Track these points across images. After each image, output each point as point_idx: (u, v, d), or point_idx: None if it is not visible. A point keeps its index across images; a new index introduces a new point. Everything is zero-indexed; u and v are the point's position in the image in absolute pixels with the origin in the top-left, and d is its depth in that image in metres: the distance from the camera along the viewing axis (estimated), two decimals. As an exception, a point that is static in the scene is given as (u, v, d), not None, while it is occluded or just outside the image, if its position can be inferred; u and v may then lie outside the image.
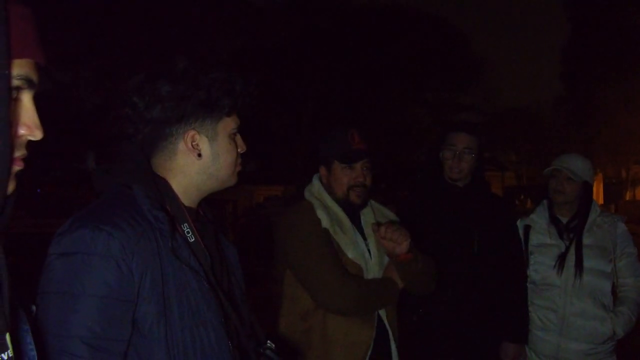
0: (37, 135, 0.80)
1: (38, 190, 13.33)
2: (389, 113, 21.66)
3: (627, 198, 25.76)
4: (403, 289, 1.99)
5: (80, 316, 1.01)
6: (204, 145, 1.23)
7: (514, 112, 30.28)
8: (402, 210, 2.63)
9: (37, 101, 0.82)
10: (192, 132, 1.21)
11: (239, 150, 1.30)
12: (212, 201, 1.34)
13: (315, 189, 2.06)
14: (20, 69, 0.76)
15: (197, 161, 1.22)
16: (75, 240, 1.04)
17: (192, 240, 1.17)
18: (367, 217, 2.09)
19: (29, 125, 0.79)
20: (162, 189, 1.19)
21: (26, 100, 0.79)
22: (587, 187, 2.59)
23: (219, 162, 1.25)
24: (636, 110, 22.47)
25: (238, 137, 1.30)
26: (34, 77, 0.79)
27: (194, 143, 1.22)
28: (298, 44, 18.60)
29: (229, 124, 1.26)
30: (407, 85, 22.09)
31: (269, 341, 1.29)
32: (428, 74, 22.37)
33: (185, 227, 1.18)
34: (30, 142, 0.82)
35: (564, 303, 2.50)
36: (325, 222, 1.94)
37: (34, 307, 0.93)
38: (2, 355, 0.67)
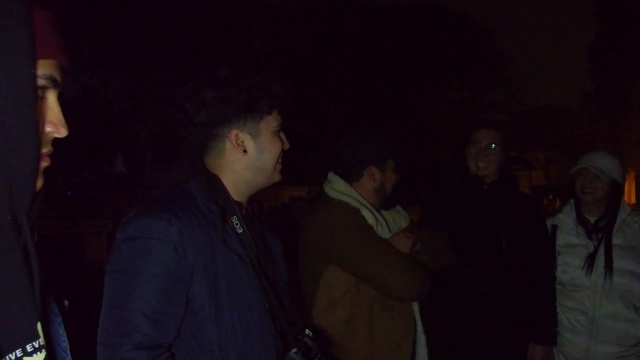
0: (63, 132, 0.83)
1: (69, 193, 13.64)
2: (413, 113, 21.51)
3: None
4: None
5: (142, 292, 1.14)
6: (248, 142, 1.35)
7: (541, 110, 29.72)
8: (426, 209, 2.62)
9: (64, 102, 0.85)
10: (235, 131, 1.34)
11: (283, 146, 1.41)
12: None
13: (343, 188, 2.02)
14: (44, 69, 0.79)
15: (243, 157, 1.35)
16: (138, 227, 1.19)
17: (241, 231, 1.29)
18: (384, 215, 2.09)
19: (54, 122, 0.82)
20: (214, 185, 1.31)
21: (51, 99, 0.82)
22: (616, 186, 2.53)
23: (263, 156, 1.36)
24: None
25: (282, 135, 1.42)
26: (58, 76, 0.82)
27: (238, 141, 1.34)
28: (321, 45, 18.60)
29: (271, 121, 1.38)
30: (431, 84, 21.90)
31: (307, 329, 1.36)
32: (453, 72, 22.14)
33: (235, 220, 1.29)
34: (57, 140, 0.85)
35: (594, 304, 2.44)
36: (371, 220, 1.94)
37: (66, 302, 0.98)
38: (34, 343, 0.70)
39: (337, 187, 2.03)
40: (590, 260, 2.46)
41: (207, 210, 1.23)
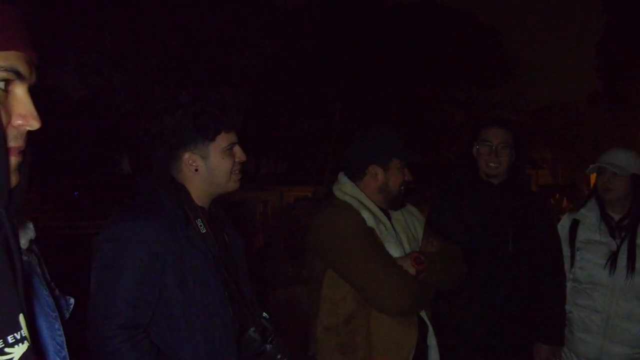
0: (34, 125, 0.82)
1: (75, 194, 13.70)
2: (420, 112, 21.45)
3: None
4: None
5: (123, 282, 1.40)
6: (199, 163, 1.58)
7: (547, 108, 29.58)
8: (434, 208, 2.60)
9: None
10: (188, 154, 1.57)
11: (237, 160, 1.62)
12: (241, 202, 1.51)
13: (348, 189, 2.02)
14: (4, 60, 0.78)
15: (196, 174, 1.58)
16: (118, 229, 1.45)
17: (204, 231, 1.53)
18: (395, 214, 2.07)
19: (24, 115, 0.81)
20: (180, 193, 1.56)
21: (19, 91, 0.81)
22: (638, 180, 2.43)
23: (214, 173, 1.59)
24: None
25: (236, 150, 1.62)
26: (23, 69, 0.81)
27: (190, 161, 1.57)
28: (328, 44, 18.59)
29: (220, 143, 1.58)
30: (438, 83, 21.84)
31: (264, 312, 1.64)
32: (460, 71, 22.07)
33: (199, 222, 1.53)
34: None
35: (610, 304, 2.39)
36: (370, 222, 1.92)
37: (72, 300, 1.00)
38: (15, 334, 0.70)
39: (343, 188, 2.03)
40: (613, 258, 2.39)
41: (173, 215, 1.49)
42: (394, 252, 1.93)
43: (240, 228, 1.82)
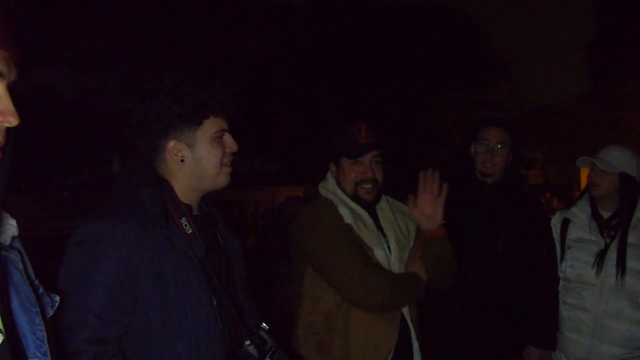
0: (12, 121, 0.82)
1: (66, 194, 13.60)
2: (413, 112, 21.48)
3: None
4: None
5: (92, 292, 1.25)
6: (185, 152, 1.41)
7: (538, 109, 29.75)
8: None
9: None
10: (173, 142, 1.41)
11: (227, 150, 1.45)
12: (232, 202, 1.43)
13: (330, 186, 2.03)
14: None
15: (182, 166, 1.42)
16: (87, 231, 1.30)
17: (189, 232, 1.37)
18: (384, 212, 2.05)
19: (1, 112, 0.81)
20: (164, 190, 1.40)
21: None
22: (626, 179, 2.41)
23: (201, 164, 1.42)
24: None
25: (226, 138, 1.46)
26: (1, 66, 0.80)
27: (175, 151, 1.41)
28: (320, 44, 18.58)
29: (208, 129, 1.42)
30: (431, 83, 21.89)
31: (263, 323, 1.46)
32: (453, 72, 22.13)
33: (184, 221, 1.37)
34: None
35: (599, 303, 2.38)
36: (348, 219, 1.91)
37: (57, 297, 1.00)
38: None
39: (327, 185, 2.05)
40: (600, 257, 2.39)
41: (152, 214, 1.33)
42: (375, 248, 1.92)
43: (235, 228, 1.66)
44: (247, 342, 1.39)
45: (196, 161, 1.41)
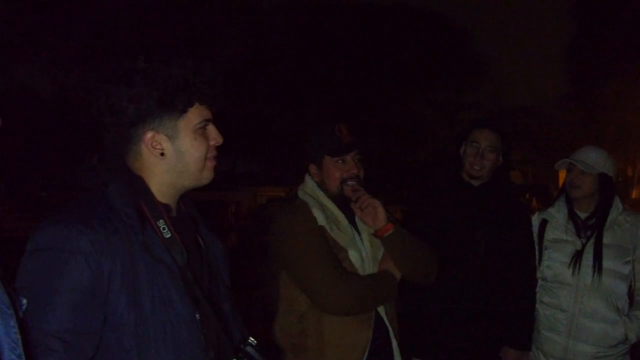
0: None
1: (42, 194, 13.35)
2: (392, 113, 21.59)
3: (634, 196, 25.57)
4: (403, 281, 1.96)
5: (53, 311, 1.05)
6: (166, 145, 1.23)
7: (518, 110, 30.15)
8: (414, 206, 2.61)
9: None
10: (151, 133, 1.22)
11: (211, 143, 1.28)
12: (214, 202, 1.33)
13: (309, 188, 2.02)
14: None
15: (162, 161, 1.23)
16: (46, 237, 1.09)
17: (168, 236, 1.19)
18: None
19: None
20: (137, 188, 1.21)
21: None
22: (605, 180, 2.44)
23: (184, 159, 1.24)
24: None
25: (210, 129, 1.29)
26: None
27: (154, 143, 1.22)
28: (300, 44, 18.56)
29: (192, 118, 1.24)
30: (410, 84, 22.02)
31: (251, 338, 1.30)
32: (433, 73, 22.30)
33: (161, 224, 1.19)
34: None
35: (575, 303, 2.41)
36: (321, 220, 1.91)
37: (25, 301, 0.96)
38: None
39: (305, 187, 2.04)
40: (577, 257, 2.42)
41: (124, 216, 1.15)
42: (349, 248, 1.92)
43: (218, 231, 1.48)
44: None
45: (178, 155, 1.23)
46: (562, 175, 2.65)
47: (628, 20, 20.97)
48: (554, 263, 2.48)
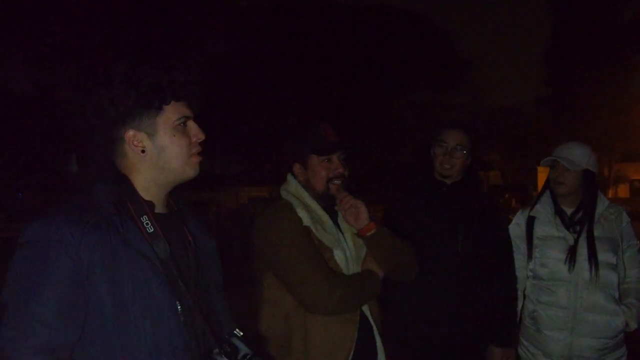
0: None
1: (20, 195, 13.13)
2: (373, 113, 21.69)
3: (610, 195, 26.11)
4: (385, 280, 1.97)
5: (38, 298, 1.14)
6: (146, 142, 1.29)
7: (496, 111, 30.57)
8: (390, 209, 2.62)
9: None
10: (130, 132, 1.28)
11: (193, 139, 1.33)
12: (195, 202, 1.34)
13: (293, 188, 2.00)
14: None
15: (144, 158, 1.29)
16: (32, 231, 1.19)
17: (151, 231, 1.25)
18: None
19: None
20: (122, 186, 1.28)
21: None
22: (589, 175, 2.46)
23: (164, 155, 1.30)
24: (618, 109, 22.77)
25: (190, 125, 1.33)
26: None
27: (135, 141, 1.28)
28: (283, 46, 18.53)
29: (170, 115, 1.29)
30: (391, 85, 22.14)
31: (237, 329, 1.33)
32: (414, 74, 22.45)
33: (145, 219, 1.26)
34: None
35: (574, 298, 2.40)
36: (306, 220, 1.90)
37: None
38: None
39: (288, 187, 2.02)
40: (571, 253, 2.42)
41: (106, 212, 1.22)
42: (334, 248, 1.92)
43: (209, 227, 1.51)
44: (216, 351, 1.27)
45: (158, 151, 1.29)
46: (541, 175, 2.69)
47: (604, 22, 21.39)
48: (548, 260, 2.47)
